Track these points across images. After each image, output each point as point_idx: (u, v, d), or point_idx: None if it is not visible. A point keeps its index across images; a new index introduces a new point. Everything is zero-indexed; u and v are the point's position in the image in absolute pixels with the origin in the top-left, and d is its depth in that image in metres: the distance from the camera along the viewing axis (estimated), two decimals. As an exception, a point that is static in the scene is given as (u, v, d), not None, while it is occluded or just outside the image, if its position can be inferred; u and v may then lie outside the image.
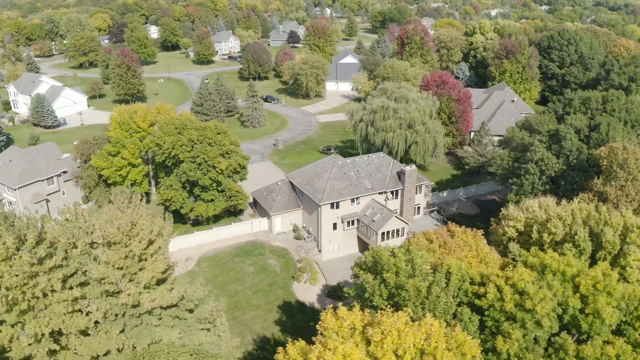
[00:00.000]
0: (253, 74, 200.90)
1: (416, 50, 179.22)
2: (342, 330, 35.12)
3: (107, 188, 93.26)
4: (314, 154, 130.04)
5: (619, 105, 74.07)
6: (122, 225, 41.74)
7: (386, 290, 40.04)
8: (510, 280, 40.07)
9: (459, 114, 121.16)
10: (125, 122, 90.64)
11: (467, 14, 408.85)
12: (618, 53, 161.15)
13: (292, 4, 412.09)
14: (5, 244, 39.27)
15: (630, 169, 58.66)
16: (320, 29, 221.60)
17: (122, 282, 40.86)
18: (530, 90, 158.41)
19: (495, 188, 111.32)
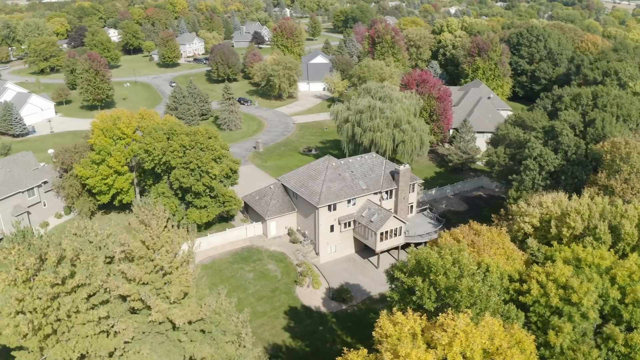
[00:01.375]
0: (222, 76, 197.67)
1: (387, 49, 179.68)
2: (404, 335, 34.07)
3: (91, 198, 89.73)
4: (295, 156, 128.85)
5: (609, 100, 75.47)
6: (148, 239, 39.60)
7: (435, 292, 39.29)
8: (552, 275, 40.04)
9: (440, 111, 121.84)
10: (108, 129, 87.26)
11: (427, 12, 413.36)
12: (586, 48, 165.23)
13: (251, 5, 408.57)
14: (24, 265, 36.75)
15: (632, 162, 59.67)
16: (287, 30, 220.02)
17: (151, 299, 38.72)
18: (503, 87, 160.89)
19: (481, 184, 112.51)
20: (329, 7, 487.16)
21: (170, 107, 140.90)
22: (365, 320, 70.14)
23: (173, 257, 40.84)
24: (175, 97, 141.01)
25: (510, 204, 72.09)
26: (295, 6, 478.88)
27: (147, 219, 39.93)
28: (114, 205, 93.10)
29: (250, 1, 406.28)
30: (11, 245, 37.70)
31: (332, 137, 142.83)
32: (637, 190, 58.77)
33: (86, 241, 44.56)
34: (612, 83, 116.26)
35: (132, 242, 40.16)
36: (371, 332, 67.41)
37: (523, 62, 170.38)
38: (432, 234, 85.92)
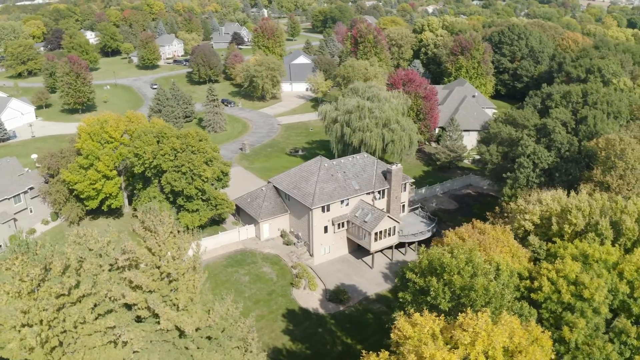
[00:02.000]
0: (203, 78, 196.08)
1: (370, 49, 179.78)
2: (425, 336, 33.78)
3: (79, 203, 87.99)
4: (282, 157, 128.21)
5: (599, 97, 76.34)
6: (154, 246, 38.72)
7: (449, 292, 39.14)
8: (562, 272, 40.26)
9: (426, 111, 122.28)
10: (96, 133, 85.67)
11: (405, 11, 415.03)
12: (567, 46, 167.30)
13: (229, 5, 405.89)
14: (29, 275, 35.65)
15: (627, 158, 60.38)
16: (268, 30, 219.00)
17: (159, 306, 37.86)
18: (486, 85, 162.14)
19: (469, 182, 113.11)
20: (306, 7, 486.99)
21: (153, 109, 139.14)
22: (364, 321, 70.06)
23: (180, 264, 40.04)
24: (159, 100, 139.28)
25: (505, 202, 72.52)
26: (273, 6, 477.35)
27: (154, 226, 39.03)
28: (102, 211, 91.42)
29: (227, 2, 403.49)
30: (14, 255, 36.59)
31: (318, 138, 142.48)
32: (632, 186, 59.49)
33: (86, 249, 43.48)
34: (595, 80, 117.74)
35: (137, 249, 39.24)
36: (370, 332, 67.62)
37: (505, 60, 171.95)
38: (425, 233, 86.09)
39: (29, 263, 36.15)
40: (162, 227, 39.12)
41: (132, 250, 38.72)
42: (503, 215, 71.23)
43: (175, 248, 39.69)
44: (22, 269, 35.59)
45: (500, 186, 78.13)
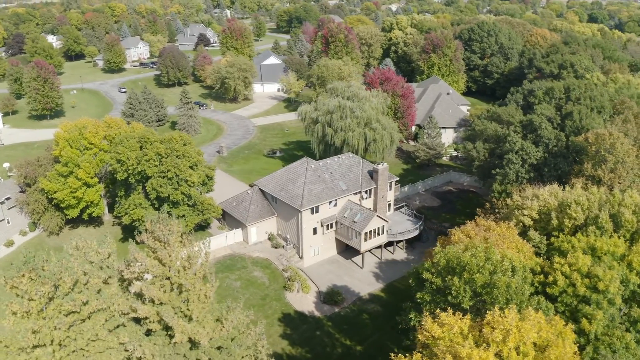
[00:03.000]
0: (173, 80, 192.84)
1: (341, 48, 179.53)
2: (456, 336, 33.52)
3: (59, 213, 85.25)
4: (260, 159, 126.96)
5: (582, 93, 77.70)
6: (165, 256, 37.47)
7: (470, 290, 39.06)
8: (574, 266, 40.78)
9: (403, 109, 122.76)
10: (74, 139, 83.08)
11: (369, 9, 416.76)
12: (535, 42, 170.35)
13: (192, 7, 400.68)
14: (38, 294, 33.98)
15: (617, 152, 61.59)
16: (236, 31, 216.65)
17: (174, 319, 36.62)
18: (458, 82, 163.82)
19: (449, 179, 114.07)
20: (269, 8, 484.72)
21: (126, 113, 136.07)
22: (360, 322, 69.75)
23: (193, 275, 38.87)
24: (131, 104, 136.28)
25: (495, 198, 73.15)
26: (236, 7, 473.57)
27: (165, 236, 37.74)
28: (81, 220, 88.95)
29: (190, 3, 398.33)
30: (21, 273, 34.87)
31: (294, 139, 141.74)
32: (624, 178, 60.75)
33: (86, 261, 41.83)
34: (568, 75, 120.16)
35: (148, 260, 37.89)
36: (368, 332, 67.32)
37: (475, 57, 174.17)
38: (412, 231, 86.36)
39: (37, 280, 34.52)
40: (172, 237, 37.87)
41: (141, 262, 37.31)
42: (494, 212, 71.92)
43: (187, 258, 38.47)
44: (31, 287, 33.95)
45: (488, 183, 78.81)
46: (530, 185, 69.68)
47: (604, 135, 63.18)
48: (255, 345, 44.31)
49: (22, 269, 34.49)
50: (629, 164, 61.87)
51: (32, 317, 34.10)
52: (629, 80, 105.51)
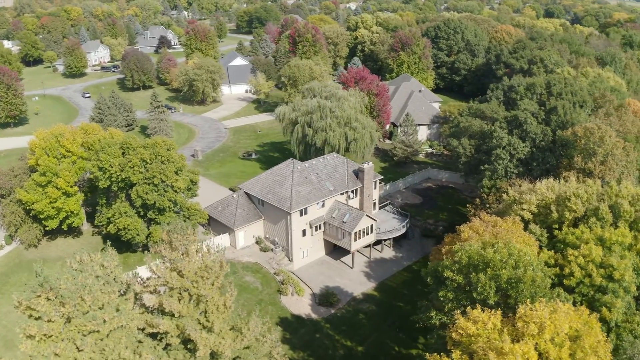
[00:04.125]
0: (138, 84, 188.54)
1: (309, 48, 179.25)
2: (492, 332, 33.50)
3: (37, 224, 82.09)
4: (236, 161, 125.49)
5: (563, 88, 79.25)
6: (185, 268, 36.24)
7: (495, 285, 39.24)
8: (588, 257, 41.56)
9: (379, 107, 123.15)
10: (51, 147, 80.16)
11: (328, 9, 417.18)
12: (501, 38, 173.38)
13: (149, 9, 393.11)
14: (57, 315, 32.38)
15: (606, 145, 63.11)
16: (200, 32, 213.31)
17: (197, 332, 35.45)
18: (427, 79, 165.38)
19: (428, 175, 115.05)
20: (227, 8, 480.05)
21: (94, 119, 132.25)
22: (358, 322, 69.52)
23: (211, 285, 37.75)
24: (100, 108, 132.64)
25: (484, 193, 73.95)
26: (194, 8, 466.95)
27: (184, 246, 36.52)
28: (60, 230, 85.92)
29: (147, 5, 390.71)
30: (37, 294, 33.16)
31: (268, 140, 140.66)
32: (614, 170, 62.30)
33: (92, 276, 40.16)
34: (538, 70, 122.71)
35: (166, 273, 36.58)
36: (367, 332, 67.08)
37: (442, 54, 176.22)
38: (400, 229, 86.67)
39: (56, 300, 32.90)
40: (192, 247, 36.72)
41: (160, 276, 35.98)
42: (485, 207, 72.72)
43: (206, 268, 37.34)
44: (49, 308, 32.30)
45: (476, 178, 79.64)
46: (519, 179, 70.74)
47: (592, 129, 64.69)
48: (270, 353, 43.46)
49: (37, 289, 32.81)
50: (618, 156, 63.53)
51: (52, 339, 32.48)
52: (599, 74, 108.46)
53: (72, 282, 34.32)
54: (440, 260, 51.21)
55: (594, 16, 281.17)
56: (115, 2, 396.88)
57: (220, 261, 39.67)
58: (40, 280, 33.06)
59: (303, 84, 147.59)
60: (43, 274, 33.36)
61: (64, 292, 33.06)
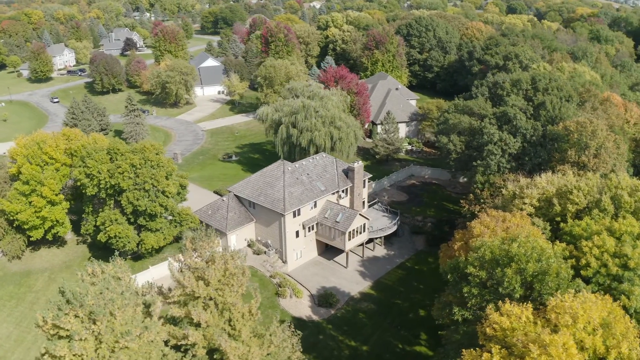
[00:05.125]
0: (107, 87, 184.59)
1: (282, 48, 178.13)
2: (528, 325, 33.75)
3: (20, 235, 79.48)
4: (217, 164, 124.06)
5: (549, 83, 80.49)
6: (212, 276, 35.37)
7: (520, 279, 39.63)
8: (602, 248, 42.43)
9: (359, 106, 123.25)
10: (33, 155, 77.78)
11: (292, 8, 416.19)
12: (472, 35, 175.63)
13: (111, 11, 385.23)
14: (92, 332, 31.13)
15: (599, 139, 64.52)
16: (169, 34, 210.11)
17: (228, 342, 34.64)
18: (401, 77, 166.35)
19: (411, 172, 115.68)
20: (190, 9, 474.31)
21: (68, 124, 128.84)
22: (359, 322, 69.39)
23: (235, 292, 36.99)
24: (74, 113, 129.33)
25: (478, 189, 74.67)
26: (156, 9, 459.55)
27: (211, 254, 35.65)
28: (44, 240, 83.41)
29: (109, 7, 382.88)
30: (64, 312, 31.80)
31: (246, 141, 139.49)
32: (606, 162, 63.74)
33: (104, 288, 38.93)
34: (514, 66, 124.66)
35: (192, 282, 35.62)
36: (369, 331, 66.97)
37: (414, 52, 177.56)
38: (391, 227, 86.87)
39: (85, 318, 31.65)
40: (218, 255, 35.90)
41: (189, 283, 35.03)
42: (479, 202, 73.45)
43: (234, 276, 36.54)
44: (79, 327, 31.01)
45: (468, 174, 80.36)
46: (512, 174, 71.69)
47: (585, 123, 66.05)
48: (289, 358, 42.91)
49: (65, 306, 31.48)
50: (610, 149, 65.02)
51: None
52: (575, 69, 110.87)
53: (100, 298, 33.02)
54: (452, 256, 51.48)
55: (557, 11, 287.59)
56: (76, 4, 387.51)
57: (242, 267, 38.89)
58: (69, 296, 31.66)
59: (279, 84, 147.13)
60: (71, 290, 31.93)
61: (93, 308, 31.79)
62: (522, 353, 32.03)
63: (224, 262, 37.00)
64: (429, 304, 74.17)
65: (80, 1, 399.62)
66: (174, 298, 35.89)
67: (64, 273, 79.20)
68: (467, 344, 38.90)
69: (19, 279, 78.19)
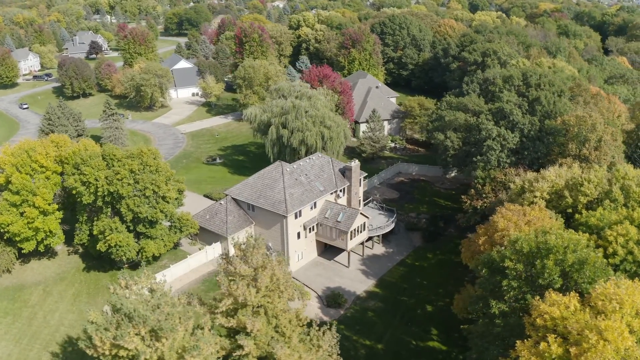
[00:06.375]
0: (78, 92, 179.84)
1: (256, 48, 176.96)
2: (579, 313, 34.32)
3: (10, 247, 76.55)
4: (201, 167, 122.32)
5: (541, 79, 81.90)
6: (265, 283, 34.66)
7: (558, 270, 40.32)
8: (626, 236, 43.59)
9: (344, 105, 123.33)
10: (23, 163, 75.05)
11: (255, 8, 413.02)
12: (445, 32, 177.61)
13: (71, 14, 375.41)
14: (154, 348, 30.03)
15: (598, 132, 66.08)
16: (139, 36, 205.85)
17: (282, 349, 34.04)
18: (378, 75, 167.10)
19: (398, 170, 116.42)
20: (151, 11, 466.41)
21: (44, 130, 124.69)
22: (369, 320, 69.40)
23: (279, 298, 36.39)
24: (50, 119, 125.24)
25: (479, 184, 75.50)
26: (117, 12, 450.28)
27: (263, 262, 34.95)
28: (35, 252, 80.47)
29: (69, 10, 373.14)
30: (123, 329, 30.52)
31: (228, 143, 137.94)
32: (606, 154, 65.32)
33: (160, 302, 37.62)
34: (492, 63, 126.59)
35: (245, 290, 34.83)
36: (381, 329, 66.98)
37: (389, 50, 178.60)
38: (390, 225, 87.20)
39: (148, 336, 30.48)
40: (269, 261, 35.25)
41: (242, 293, 34.22)
42: (481, 197, 74.30)
43: (285, 282, 35.92)
44: (143, 346, 29.74)
45: (467, 170, 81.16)
46: (512, 169, 72.76)
47: (584, 117, 67.57)
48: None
49: (127, 325, 30.21)
50: (609, 142, 66.69)
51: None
52: (554, 64, 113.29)
53: (159, 313, 31.89)
54: (476, 251, 52.00)
55: (521, 7, 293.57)
56: (35, 8, 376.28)
57: (287, 273, 38.33)
58: (129, 312, 30.39)
59: (259, 84, 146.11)
60: (130, 306, 30.68)
61: (161, 324, 30.57)
62: (578, 340, 32.54)
63: (271, 268, 36.33)
64: (434, 300, 75.11)
65: (39, 4, 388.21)
66: (222, 308, 34.97)
67: (59, 286, 76.72)
68: (511, 335, 39.40)
69: (12, 294, 75.27)
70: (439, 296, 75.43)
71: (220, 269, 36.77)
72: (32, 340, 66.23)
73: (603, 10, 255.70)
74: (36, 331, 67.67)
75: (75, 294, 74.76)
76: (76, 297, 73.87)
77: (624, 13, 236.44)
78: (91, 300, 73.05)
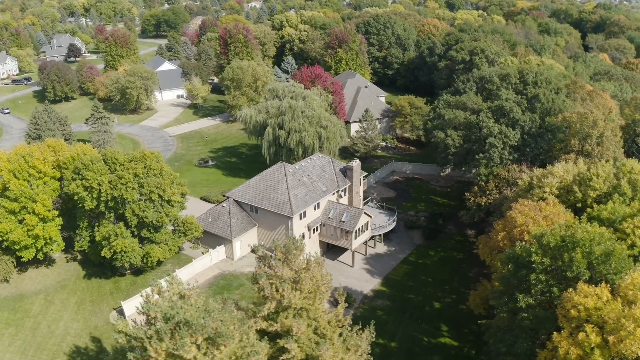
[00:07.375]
0: (60, 95, 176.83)
1: (241, 49, 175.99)
2: (613, 303, 35.03)
3: (8, 256, 74.83)
4: (193, 169, 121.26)
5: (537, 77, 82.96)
6: (308, 285, 34.44)
7: (585, 263, 41.03)
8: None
9: (336, 104, 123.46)
10: (20, 169, 73.50)
11: (232, 8, 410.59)
12: (429, 31, 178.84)
13: (46, 17, 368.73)
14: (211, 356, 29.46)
15: (599, 128, 67.29)
16: (120, 38, 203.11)
17: (328, 351, 33.87)
18: (364, 75, 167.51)
19: (392, 169, 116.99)
20: (126, 13, 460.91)
21: (31, 135, 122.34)
22: (379, 319, 69.51)
23: (319, 300, 36.23)
24: (37, 124, 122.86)
25: (482, 181, 76.20)
26: (92, 14, 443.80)
27: (306, 262, 34.73)
28: (33, 260, 78.76)
29: (44, 13, 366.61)
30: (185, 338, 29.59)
31: (219, 145, 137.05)
32: (608, 149, 66.58)
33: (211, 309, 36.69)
34: (480, 61, 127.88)
35: (290, 293, 34.51)
36: (392, 328, 67.25)
37: (374, 49, 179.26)
38: (391, 224, 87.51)
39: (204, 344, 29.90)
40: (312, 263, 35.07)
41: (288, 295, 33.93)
42: (485, 193, 75.03)
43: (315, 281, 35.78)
44: (200, 355, 29.09)
45: (468, 168, 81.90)
46: (515, 165, 73.64)
47: (586, 114, 68.75)
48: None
49: (184, 334, 29.48)
50: (610, 137, 67.99)
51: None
52: (542, 62, 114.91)
53: (212, 320, 31.25)
54: (494, 247, 52.62)
55: (498, 6, 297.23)
56: (8, 11, 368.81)
57: (327, 274, 38.23)
58: (186, 319, 29.70)
59: (247, 85, 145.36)
60: (188, 315, 30.04)
61: (221, 331, 29.91)
62: (615, 329, 33.23)
63: (312, 269, 36.18)
64: (441, 296, 75.66)
65: (12, 7, 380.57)
66: (264, 312, 34.62)
67: (61, 294, 75.20)
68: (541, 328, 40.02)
69: (13, 304, 73.54)
70: (445, 293, 76.01)
71: (261, 272, 36.33)
72: (38, 351, 64.73)
73: (580, 8, 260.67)
74: (41, 342, 66.13)
75: (78, 302, 73.34)
76: (80, 305, 72.47)
77: (601, 10, 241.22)
78: (95, 308, 71.79)
